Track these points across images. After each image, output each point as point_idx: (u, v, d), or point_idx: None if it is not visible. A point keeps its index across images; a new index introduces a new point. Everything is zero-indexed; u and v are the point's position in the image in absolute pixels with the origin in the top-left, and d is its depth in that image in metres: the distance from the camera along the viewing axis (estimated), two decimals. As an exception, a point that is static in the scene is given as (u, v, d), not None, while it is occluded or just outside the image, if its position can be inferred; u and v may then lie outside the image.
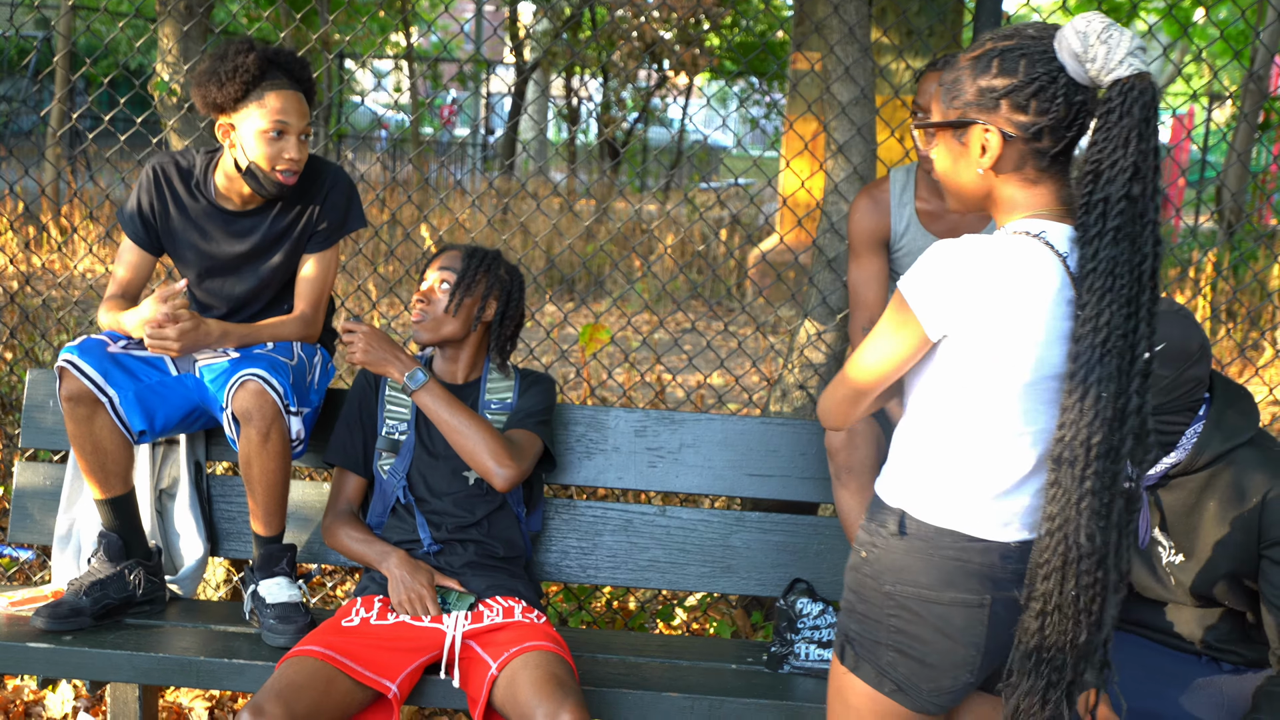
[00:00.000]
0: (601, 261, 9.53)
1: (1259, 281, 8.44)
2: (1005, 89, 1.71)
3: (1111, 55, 1.64)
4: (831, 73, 3.64)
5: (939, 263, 1.74)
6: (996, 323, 1.71)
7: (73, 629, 2.68)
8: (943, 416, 1.80)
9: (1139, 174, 1.65)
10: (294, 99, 2.73)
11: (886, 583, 1.82)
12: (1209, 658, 2.46)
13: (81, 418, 2.69)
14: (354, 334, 2.69)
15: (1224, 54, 16.76)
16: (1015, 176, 1.77)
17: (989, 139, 1.75)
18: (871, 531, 1.87)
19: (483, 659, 2.49)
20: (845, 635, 1.89)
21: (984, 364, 1.73)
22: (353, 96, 17.79)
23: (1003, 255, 1.71)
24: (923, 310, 1.74)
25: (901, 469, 1.86)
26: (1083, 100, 1.70)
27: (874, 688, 1.85)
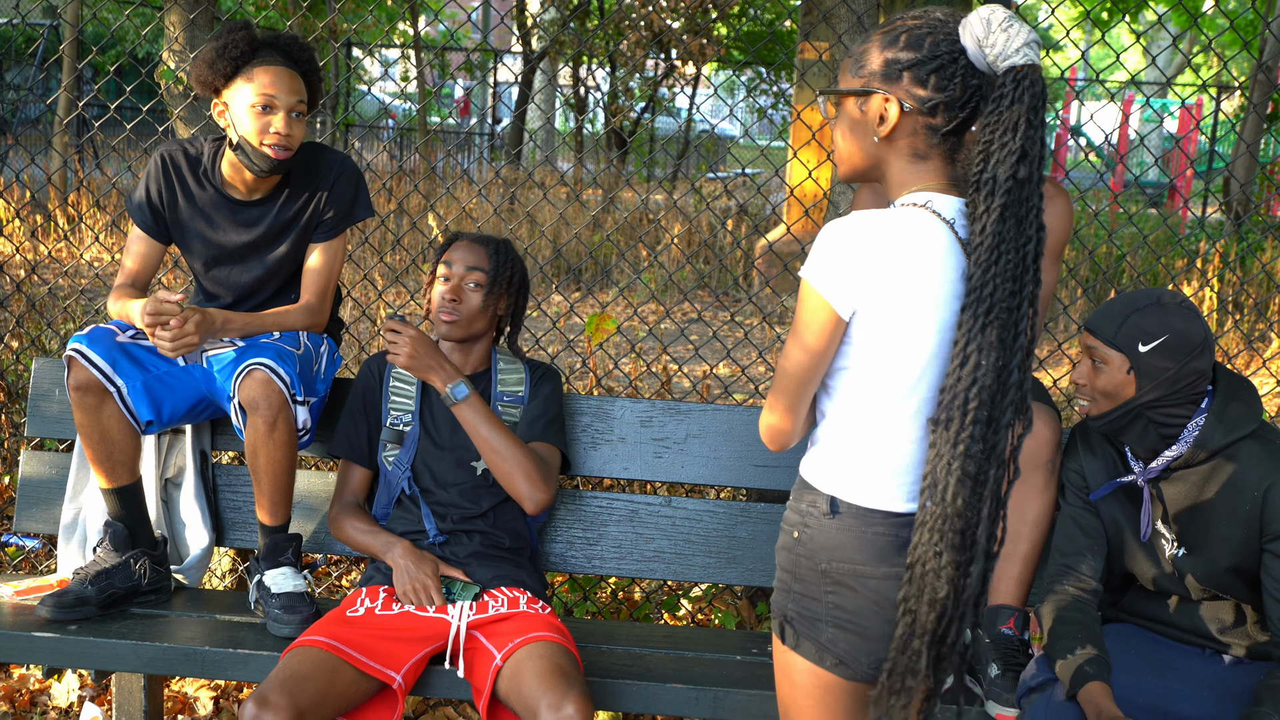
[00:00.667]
0: (608, 251, 9.52)
1: (1267, 273, 8.41)
2: (908, 62, 1.79)
3: (1010, 44, 1.72)
4: (839, 62, 3.63)
5: (835, 241, 1.79)
6: (897, 290, 1.77)
7: (78, 618, 2.68)
8: (860, 396, 1.84)
9: (1026, 157, 1.73)
10: (284, 74, 2.73)
11: (822, 561, 1.86)
12: (1211, 650, 2.45)
13: (89, 407, 2.69)
14: (399, 335, 2.66)
15: (1233, 44, 16.69)
16: (906, 150, 1.84)
17: (888, 108, 1.82)
18: (802, 512, 1.90)
19: (487, 649, 2.49)
20: (784, 615, 1.93)
21: (892, 334, 1.79)
22: (360, 85, 17.78)
23: (894, 225, 1.78)
24: (829, 290, 1.78)
25: (827, 452, 1.89)
26: (977, 84, 1.78)
27: (815, 664, 1.89)
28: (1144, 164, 20.19)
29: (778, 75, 17.16)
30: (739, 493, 4.25)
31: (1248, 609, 2.41)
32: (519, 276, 2.85)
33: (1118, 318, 2.30)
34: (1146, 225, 11.93)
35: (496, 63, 18.07)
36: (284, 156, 2.74)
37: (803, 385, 1.86)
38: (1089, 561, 2.47)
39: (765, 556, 2.98)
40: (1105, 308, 2.35)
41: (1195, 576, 2.38)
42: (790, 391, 1.86)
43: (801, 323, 1.82)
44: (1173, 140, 15.49)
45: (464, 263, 2.74)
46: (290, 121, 2.73)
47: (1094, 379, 2.35)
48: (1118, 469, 2.46)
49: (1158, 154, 18.14)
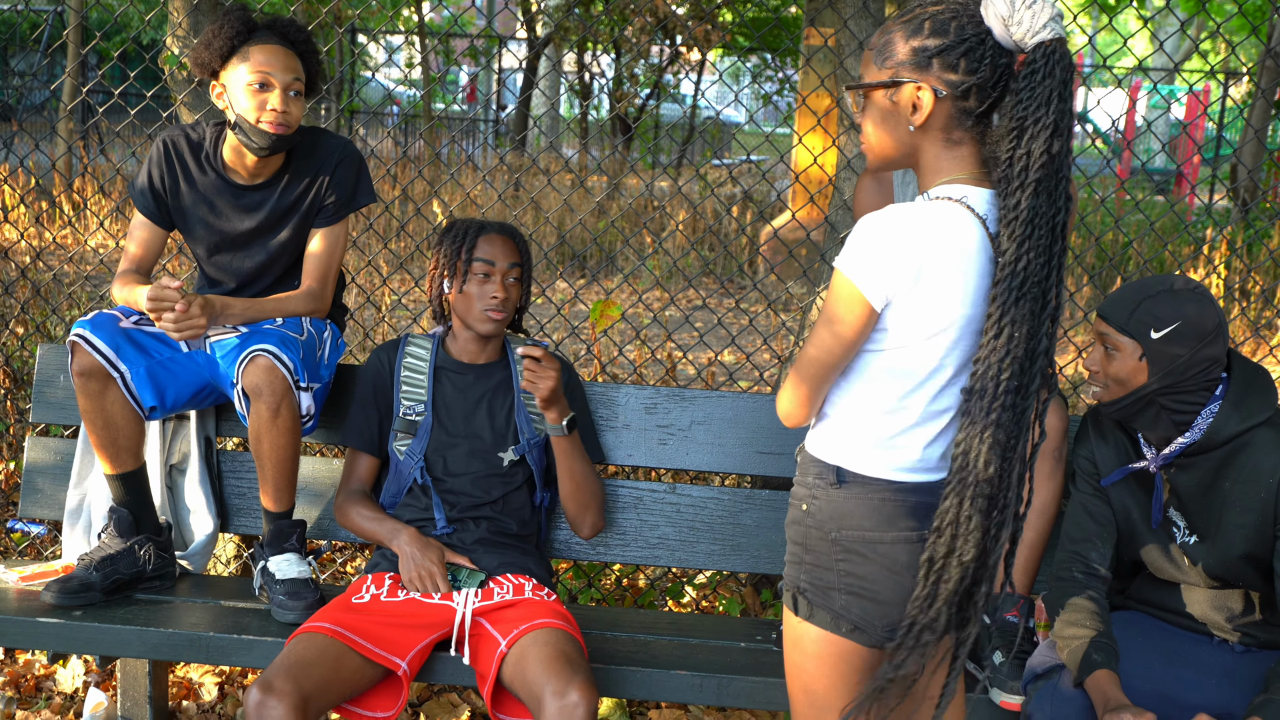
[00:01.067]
0: (613, 238, 9.50)
1: (1274, 259, 8.38)
2: (937, 48, 1.79)
3: (1036, 20, 1.74)
4: (845, 48, 3.62)
5: (871, 234, 1.82)
6: (928, 285, 1.80)
7: (83, 604, 2.68)
8: (879, 380, 1.87)
9: (1058, 131, 1.75)
10: (279, 53, 2.73)
11: (831, 530, 1.90)
12: (1220, 638, 2.44)
13: (93, 393, 2.68)
14: (547, 371, 2.60)
15: (1242, 30, 16.61)
16: (940, 136, 1.85)
17: (921, 97, 1.82)
18: (809, 485, 1.94)
19: (492, 636, 2.49)
20: (796, 587, 1.96)
21: (919, 326, 1.82)
22: (364, 72, 17.74)
23: (929, 220, 1.80)
24: (864, 282, 1.81)
25: (836, 428, 1.92)
26: (1006, 63, 1.79)
27: (831, 631, 1.92)
28: (1150, 150, 20.12)
29: (783, 61, 17.09)
30: (744, 479, 4.25)
31: (1257, 598, 2.41)
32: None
33: (1130, 304, 2.29)
34: (1153, 212, 11.90)
35: (501, 49, 18.03)
36: (282, 133, 2.73)
37: (828, 371, 1.89)
38: (1098, 548, 2.46)
39: (770, 544, 2.98)
40: (1117, 294, 2.33)
41: (1206, 564, 2.38)
42: (814, 377, 1.89)
43: (833, 312, 1.85)
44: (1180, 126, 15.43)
45: (506, 258, 2.74)
46: (287, 99, 2.72)
47: (1106, 365, 2.34)
48: (1129, 455, 2.45)
49: (1164, 140, 18.07)
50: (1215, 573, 2.38)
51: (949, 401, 1.87)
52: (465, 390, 2.78)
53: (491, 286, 2.72)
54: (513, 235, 2.80)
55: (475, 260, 2.72)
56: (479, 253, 2.73)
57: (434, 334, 2.87)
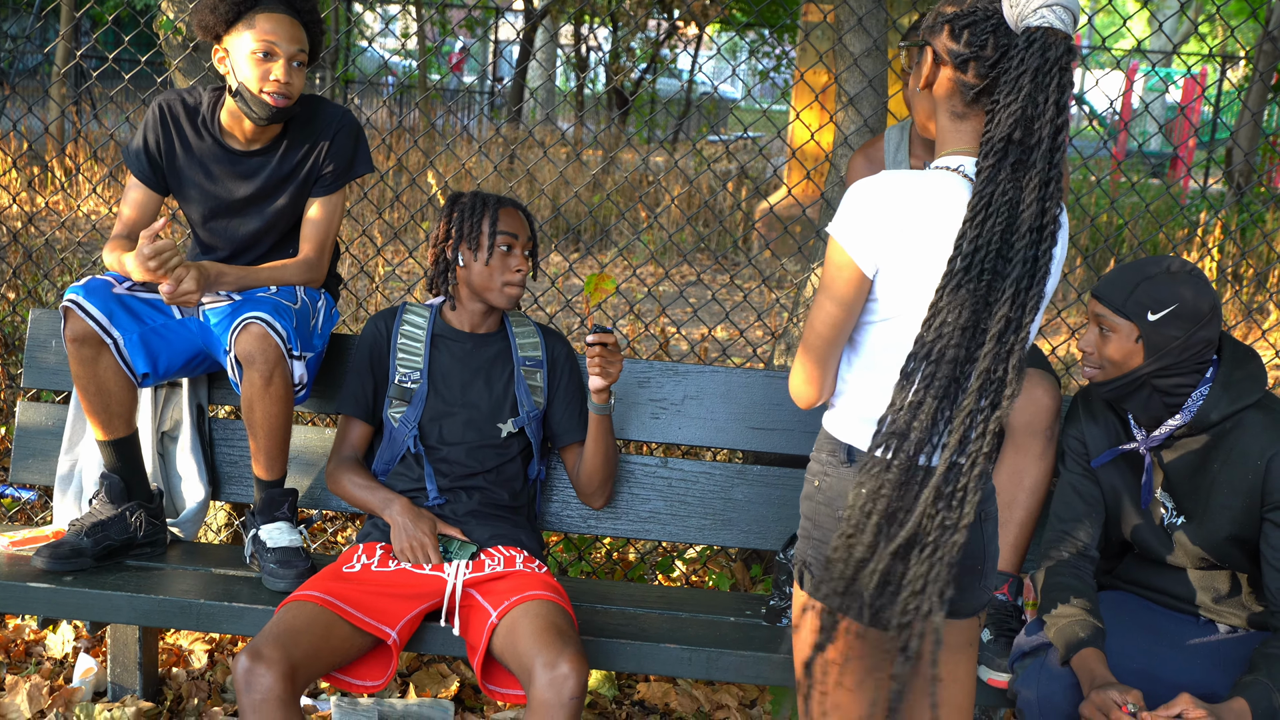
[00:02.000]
0: (608, 212, 9.49)
1: (1267, 243, 8.39)
2: (949, 15, 1.83)
3: (1028, 4, 1.73)
4: (844, 23, 3.60)
5: (860, 200, 1.82)
6: (919, 250, 1.80)
7: (73, 569, 2.69)
8: (880, 350, 1.87)
9: (1023, 119, 1.72)
10: (285, 22, 2.70)
11: (839, 508, 1.89)
12: (1207, 619, 2.46)
13: (86, 359, 2.68)
14: (611, 351, 2.65)
15: (1240, 13, 16.57)
16: (947, 107, 1.87)
17: (927, 57, 1.87)
18: (822, 462, 1.95)
19: (483, 607, 2.50)
20: (804, 561, 1.96)
21: (913, 292, 1.82)
22: (360, 41, 17.63)
23: (919, 186, 1.81)
24: (854, 248, 1.82)
25: (846, 404, 1.93)
26: (1008, 45, 1.78)
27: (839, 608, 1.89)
28: (1146, 133, 20.09)
29: (780, 37, 17.03)
30: (735, 454, 4.25)
31: (1243, 579, 2.42)
32: None
33: (1127, 286, 2.29)
34: (1148, 194, 11.89)
35: (498, 20, 17.93)
36: (283, 104, 2.72)
37: (830, 341, 1.89)
38: (1086, 528, 2.47)
39: (760, 519, 2.99)
40: (1114, 275, 2.33)
41: (1193, 545, 2.39)
42: (817, 348, 1.90)
43: (828, 278, 1.86)
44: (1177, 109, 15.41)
45: (525, 231, 2.76)
46: (290, 70, 2.71)
47: (1101, 346, 2.33)
48: (1119, 436, 2.46)
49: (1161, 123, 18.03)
50: (1202, 554, 2.39)
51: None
52: (463, 359, 2.77)
53: (514, 260, 2.72)
54: (524, 210, 2.82)
55: (500, 233, 2.72)
56: (503, 225, 2.73)
57: (431, 304, 2.86)
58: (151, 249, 2.53)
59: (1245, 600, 2.42)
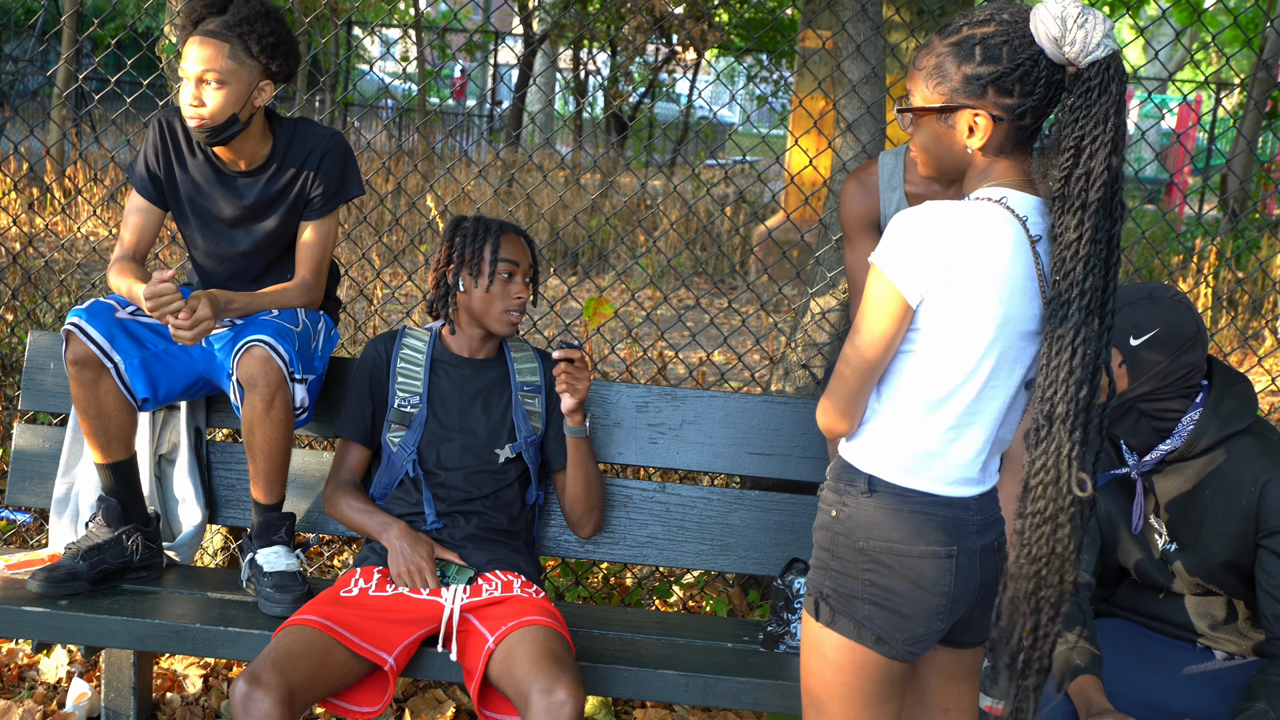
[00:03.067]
0: (606, 235, 9.51)
1: (1262, 270, 8.42)
2: (991, 76, 1.79)
3: (1090, 39, 1.73)
4: (842, 50, 3.62)
5: (907, 230, 1.82)
6: (963, 282, 1.79)
7: (69, 593, 2.68)
8: (914, 382, 1.86)
9: (1116, 148, 1.76)
10: (199, 46, 2.69)
11: (859, 539, 1.88)
12: (1204, 646, 2.46)
13: (86, 382, 2.68)
14: (578, 368, 2.69)
15: (1235, 41, 16.67)
16: (992, 149, 1.86)
17: (979, 122, 1.83)
18: (840, 491, 1.93)
19: (480, 632, 2.49)
20: (819, 592, 1.94)
21: (954, 324, 1.81)
22: (360, 65, 17.71)
23: (966, 217, 1.80)
24: (900, 278, 1.80)
25: (872, 435, 1.91)
26: (1060, 79, 1.79)
27: (854, 640, 1.90)
28: (1142, 159, 20.16)
29: (778, 63, 17.11)
30: (733, 480, 4.25)
31: (1239, 605, 2.42)
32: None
33: None
34: (1144, 221, 11.92)
35: (497, 44, 18.02)
36: (200, 124, 2.70)
37: (866, 373, 1.87)
38: (1082, 555, 2.47)
39: (758, 544, 2.99)
40: None
41: (1187, 572, 2.39)
42: (854, 382, 1.88)
43: (870, 307, 1.84)
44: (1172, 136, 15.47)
45: (526, 259, 2.76)
46: (201, 90, 2.69)
47: None
48: (1112, 462, 2.47)
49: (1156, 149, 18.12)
50: (1198, 580, 2.39)
51: (987, 407, 1.86)
52: (461, 385, 2.78)
53: (515, 287, 2.73)
54: (526, 237, 2.82)
55: (501, 260, 2.72)
56: (504, 253, 2.73)
57: (430, 327, 2.86)
58: (151, 289, 2.54)
59: (1242, 627, 2.42)
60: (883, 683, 1.92)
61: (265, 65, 2.77)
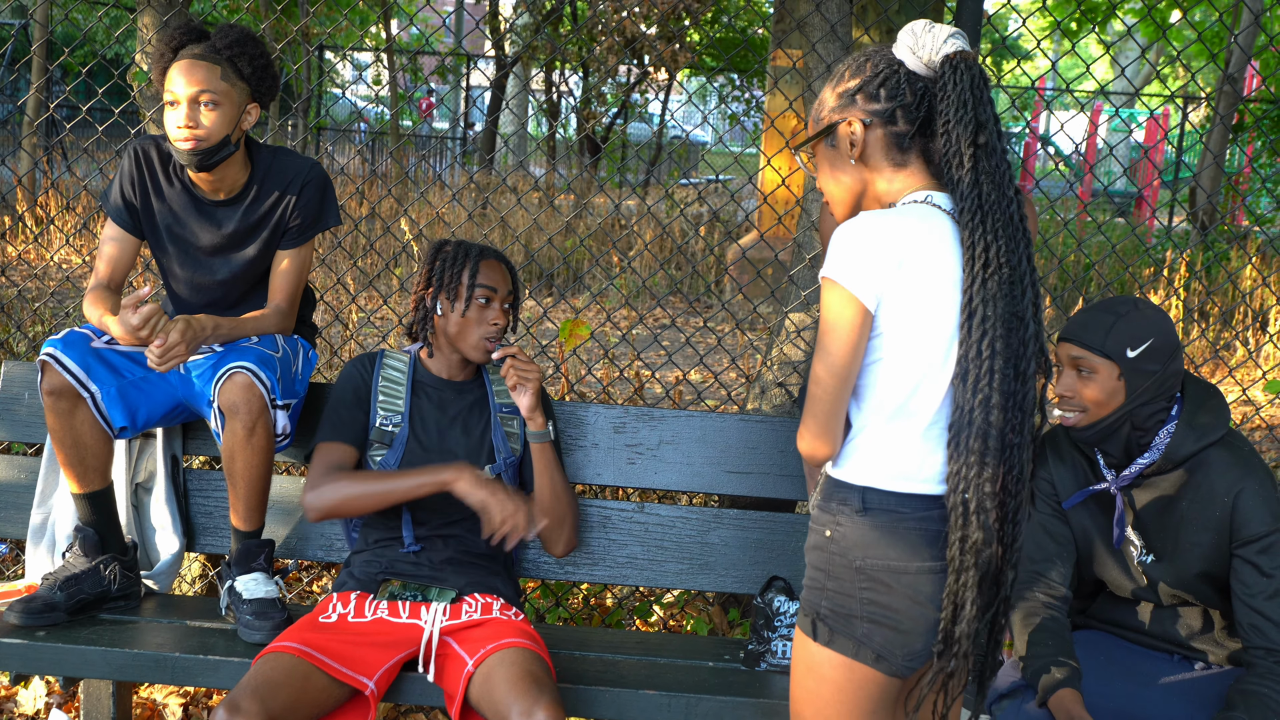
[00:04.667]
0: (581, 257, 9.52)
1: (1232, 282, 8.51)
2: (857, 86, 1.94)
3: (936, 39, 1.88)
4: (813, 70, 3.65)
5: (851, 238, 1.87)
6: (915, 277, 1.84)
7: (46, 624, 2.66)
8: (891, 385, 1.89)
9: (981, 126, 1.86)
10: (190, 68, 2.69)
11: (856, 558, 1.90)
12: (1181, 656, 2.48)
13: (62, 412, 2.67)
14: (531, 367, 2.71)
15: (1200, 56, 16.86)
16: (886, 164, 1.95)
17: (853, 130, 1.94)
18: (833, 511, 1.93)
19: (460, 655, 2.49)
20: (815, 613, 1.95)
21: (909, 319, 1.85)
22: (333, 89, 17.70)
23: (902, 218, 1.88)
24: (853, 284, 1.84)
25: (858, 448, 1.93)
26: (924, 86, 1.92)
27: (853, 659, 1.91)
28: (1111, 174, 20.33)
29: (750, 82, 17.21)
30: (711, 499, 4.26)
31: (1215, 615, 2.44)
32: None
33: (1104, 326, 2.31)
34: (1115, 234, 12.02)
35: (470, 67, 18.04)
36: (195, 146, 2.69)
37: (838, 392, 1.88)
38: (1059, 568, 2.49)
39: (737, 563, 2.99)
40: (1086, 318, 2.35)
41: (1164, 583, 2.41)
42: (827, 401, 1.88)
43: (829, 325, 1.86)
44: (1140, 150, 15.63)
45: (505, 285, 2.76)
46: (195, 110, 2.68)
47: (1082, 390, 2.34)
48: (1088, 477, 2.48)
49: (1125, 164, 18.32)
50: (1174, 591, 2.41)
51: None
52: (441, 407, 2.78)
53: (492, 314, 2.73)
54: (507, 263, 2.82)
55: (479, 286, 2.72)
56: (482, 278, 2.73)
57: (409, 350, 2.87)
58: (140, 316, 2.53)
59: (1218, 636, 2.45)
60: (880, 700, 1.93)
61: (254, 87, 2.78)
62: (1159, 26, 4.12)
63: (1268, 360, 7.34)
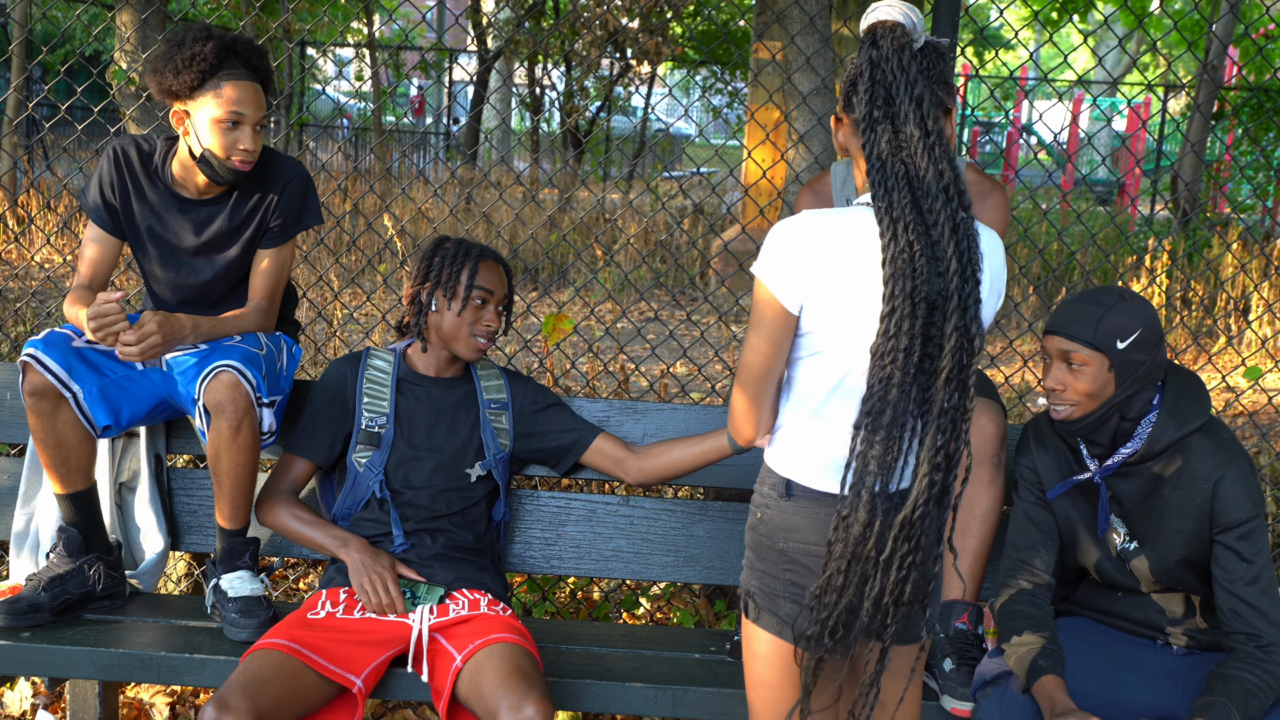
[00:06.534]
0: (565, 251, 9.52)
1: (1213, 270, 8.55)
2: (848, 85, 1.96)
3: (873, 13, 1.90)
4: (792, 63, 3.66)
5: (781, 240, 1.90)
6: (840, 284, 1.87)
7: (31, 625, 2.66)
8: (812, 384, 1.93)
9: (893, 97, 1.85)
10: (250, 89, 2.70)
11: (779, 541, 1.97)
12: (1163, 642, 2.50)
13: (45, 412, 2.66)
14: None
15: (1180, 44, 16.93)
16: (859, 154, 1.95)
17: (838, 123, 2.02)
18: (764, 495, 2.01)
19: (448, 651, 2.50)
20: (747, 591, 2.04)
21: (839, 324, 1.88)
22: (314, 85, 17.65)
23: (836, 223, 1.89)
24: (777, 287, 1.89)
25: (783, 439, 1.99)
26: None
27: (777, 635, 1.99)
28: (1093, 162, 20.41)
29: (732, 75, 17.20)
30: (696, 491, 4.27)
31: (1197, 601, 2.46)
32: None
33: (1092, 318, 2.31)
34: (1096, 223, 12.07)
35: (452, 62, 18.01)
36: (250, 168, 2.75)
37: (762, 378, 1.95)
38: (1042, 556, 2.50)
39: (723, 554, 3.00)
40: (1072, 310, 2.34)
41: (1147, 569, 2.43)
42: (751, 385, 1.96)
43: (756, 316, 1.93)
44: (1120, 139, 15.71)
45: (502, 288, 2.77)
46: (255, 136, 2.72)
47: (1074, 382, 2.33)
48: (1071, 466, 2.50)
49: (1106, 153, 18.40)
50: (1156, 577, 2.43)
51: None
52: (428, 403, 2.78)
53: (487, 314, 2.74)
54: (505, 266, 2.83)
55: (477, 287, 2.73)
56: (480, 280, 2.73)
57: (395, 347, 2.87)
58: (94, 309, 2.54)
59: (1200, 622, 2.46)
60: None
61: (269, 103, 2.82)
62: (1136, 17, 4.13)
63: (1249, 346, 7.39)
